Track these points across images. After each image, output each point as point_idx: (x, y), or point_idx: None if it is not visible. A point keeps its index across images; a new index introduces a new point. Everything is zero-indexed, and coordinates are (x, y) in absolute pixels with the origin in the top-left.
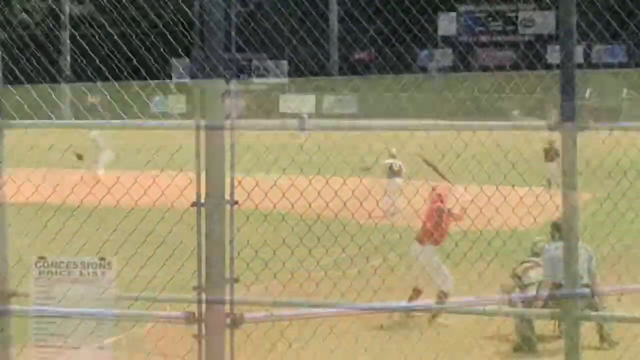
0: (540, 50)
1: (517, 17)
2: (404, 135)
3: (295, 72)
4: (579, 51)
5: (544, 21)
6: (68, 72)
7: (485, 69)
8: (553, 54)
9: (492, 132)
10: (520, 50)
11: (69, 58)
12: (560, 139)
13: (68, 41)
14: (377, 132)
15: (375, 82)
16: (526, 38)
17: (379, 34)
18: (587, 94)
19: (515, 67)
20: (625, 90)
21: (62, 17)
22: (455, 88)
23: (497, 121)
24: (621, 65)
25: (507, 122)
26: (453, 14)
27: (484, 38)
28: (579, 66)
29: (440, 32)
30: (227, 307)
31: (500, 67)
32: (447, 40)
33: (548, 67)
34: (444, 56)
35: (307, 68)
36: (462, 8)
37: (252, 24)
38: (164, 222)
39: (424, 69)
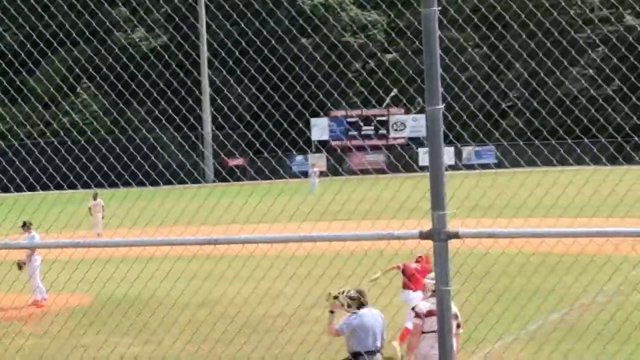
0: (413, 152)
1: (388, 121)
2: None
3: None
4: (450, 152)
5: (416, 124)
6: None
7: (359, 172)
8: (425, 157)
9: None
10: (393, 153)
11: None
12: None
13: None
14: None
15: (251, 188)
16: (398, 141)
17: (256, 138)
18: None
19: (388, 169)
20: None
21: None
22: (330, 191)
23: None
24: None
25: (379, 232)
26: (325, 119)
27: (356, 142)
28: (452, 167)
29: (314, 136)
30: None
31: (374, 171)
32: (321, 145)
33: (421, 169)
34: (318, 160)
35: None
36: (334, 113)
37: None
38: None
39: (300, 174)
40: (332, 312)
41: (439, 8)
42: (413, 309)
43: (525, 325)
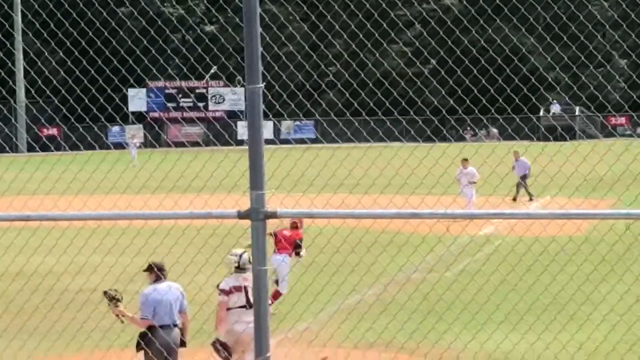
0: (232, 125)
1: (207, 93)
2: None
3: None
4: (269, 126)
5: (235, 97)
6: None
7: (176, 144)
8: (244, 131)
9: None
10: (212, 125)
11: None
12: None
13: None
14: None
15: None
16: (217, 114)
17: (68, 110)
18: None
19: (207, 142)
20: None
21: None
22: (151, 164)
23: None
24: (311, 140)
25: (197, 211)
26: (143, 90)
27: (175, 114)
28: (271, 142)
29: (131, 108)
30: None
31: (192, 143)
32: (139, 116)
33: (239, 142)
34: (137, 131)
35: None
36: (153, 84)
37: None
38: None
39: (116, 145)
40: (117, 315)
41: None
42: (217, 286)
43: (340, 304)
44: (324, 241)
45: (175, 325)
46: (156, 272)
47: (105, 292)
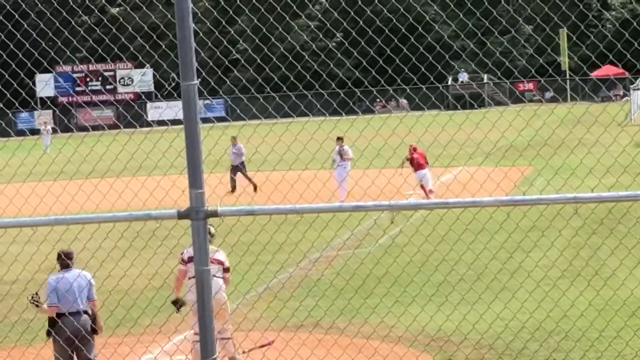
0: (140, 108)
1: (115, 76)
2: None
3: None
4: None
5: (143, 79)
6: None
7: (85, 129)
8: (153, 111)
9: None
10: (120, 109)
11: None
12: None
13: None
14: None
15: None
16: (125, 96)
17: None
18: None
19: (116, 126)
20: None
21: None
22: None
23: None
24: (219, 119)
25: (136, 213)
26: (50, 75)
27: (83, 98)
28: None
29: (40, 93)
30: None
31: (99, 127)
32: (46, 102)
33: (149, 125)
34: (47, 117)
35: None
36: (59, 69)
37: None
38: None
39: (23, 132)
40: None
41: None
42: (181, 254)
43: (268, 283)
44: (249, 220)
45: (85, 313)
46: (63, 259)
47: (29, 298)
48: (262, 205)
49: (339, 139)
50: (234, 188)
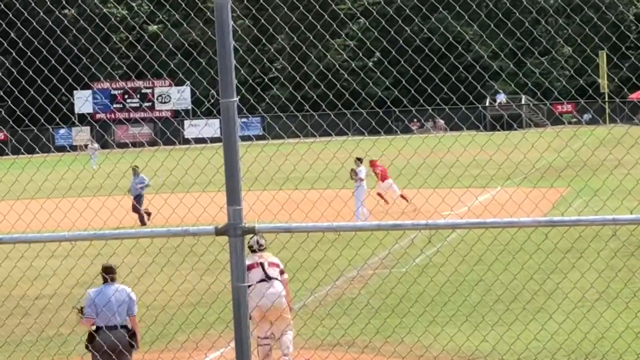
0: (177, 125)
1: (153, 93)
2: None
3: None
4: (216, 125)
5: (181, 96)
6: None
7: (123, 145)
8: (191, 128)
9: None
10: (158, 126)
11: None
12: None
13: None
14: None
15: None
16: (163, 114)
17: (10, 115)
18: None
19: (154, 143)
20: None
21: None
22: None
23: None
24: (257, 137)
25: (174, 229)
26: (88, 92)
27: (121, 115)
28: (219, 140)
29: (77, 110)
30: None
31: (137, 143)
32: (84, 119)
33: (186, 141)
34: (84, 133)
35: None
36: (97, 85)
37: None
38: None
39: (62, 148)
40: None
41: None
42: None
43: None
44: (286, 237)
45: (123, 327)
46: (105, 274)
47: (74, 307)
48: (299, 222)
49: (358, 159)
50: (148, 214)
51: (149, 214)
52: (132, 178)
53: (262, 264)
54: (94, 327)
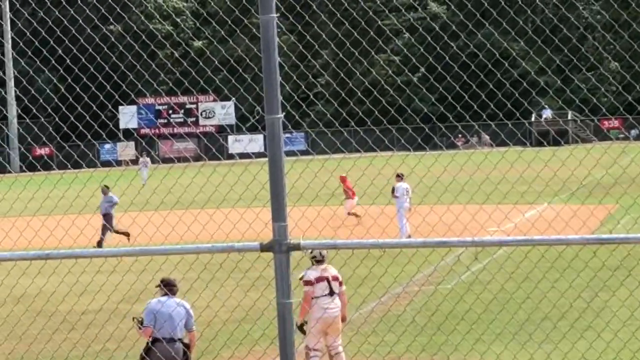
0: (222, 141)
1: (197, 109)
2: None
3: None
4: (260, 140)
5: (225, 112)
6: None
7: (168, 160)
8: (235, 145)
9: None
10: (202, 141)
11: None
12: None
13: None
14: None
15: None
16: (207, 129)
17: (57, 130)
18: None
19: (198, 158)
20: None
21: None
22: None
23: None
24: (302, 152)
25: (219, 244)
26: (133, 107)
27: (166, 130)
28: (263, 155)
29: (122, 125)
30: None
31: (183, 159)
32: (129, 134)
33: (230, 157)
34: (128, 148)
35: None
36: (142, 101)
37: None
38: None
39: (107, 163)
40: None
41: (277, 15)
42: (301, 278)
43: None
44: (331, 253)
45: (180, 340)
46: (164, 287)
47: (134, 318)
48: (344, 239)
49: (398, 175)
50: (127, 235)
51: (127, 235)
52: (102, 197)
53: (327, 278)
54: (150, 338)
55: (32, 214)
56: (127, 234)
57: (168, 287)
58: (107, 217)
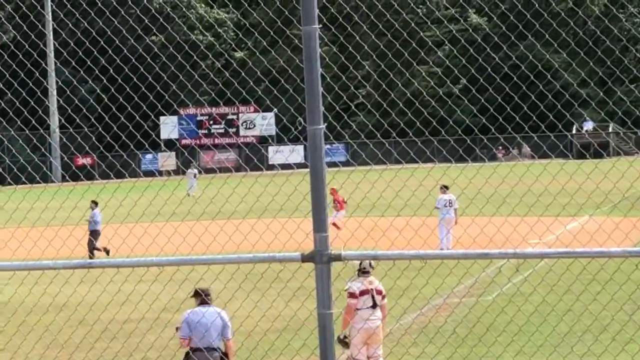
0: (263, 151)
1: (238, 119)
2: None
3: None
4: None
5: (266, 122)
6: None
7: (210, 170)
8: (276, 155)
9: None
10: (244, 151)
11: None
12: None
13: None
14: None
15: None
16: (248, 139)
17: (99, 140)
18: None
19: (239, 168)
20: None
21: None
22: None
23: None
24: (342, 163)
25: (260, 255)
26: (174, 118)
27: (207, 140)
28: (303, 166)
29: (163, 135)
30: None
31: (224, 169)
32: (170, 144)
33: (270, 167)
34: (169, 159)
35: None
36: (184, 111)
37: None
38: None
39: (149, 173)
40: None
41: (319, 26)
42: (346, 290)
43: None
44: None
45: (217, 350)
46: (201, 296)
47: (177, 329)
48: (385, 250)
49: (443, 187)
50: (107, 251)
51: (107, 251)
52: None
53: (371, 291)
54: (190, 347)
55: (75, 223)
56: (107, 251)
57: (205, 296)
58: (94, 233)
